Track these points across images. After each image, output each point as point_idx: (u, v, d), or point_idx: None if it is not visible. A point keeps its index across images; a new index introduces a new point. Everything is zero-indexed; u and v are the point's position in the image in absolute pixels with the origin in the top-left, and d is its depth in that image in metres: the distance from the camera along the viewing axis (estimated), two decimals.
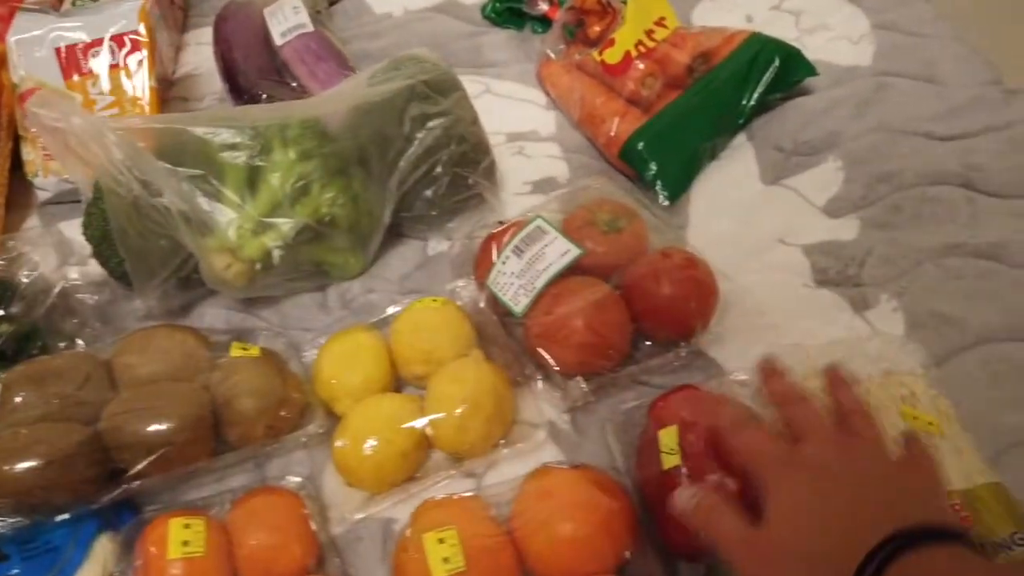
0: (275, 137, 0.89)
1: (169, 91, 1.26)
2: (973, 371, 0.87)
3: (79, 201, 0.95)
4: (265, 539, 0.72)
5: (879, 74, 1.19)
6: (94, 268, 0.95)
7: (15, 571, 0.71)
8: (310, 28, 1.17)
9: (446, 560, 0.67)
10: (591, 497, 0.71)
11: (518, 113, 1.20)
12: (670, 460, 0.72)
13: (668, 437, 0.73)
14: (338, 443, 0.79)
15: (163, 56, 1.24)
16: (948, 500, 0.68)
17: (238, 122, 0.88)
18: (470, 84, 1.20)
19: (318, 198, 0.90)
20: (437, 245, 1.03)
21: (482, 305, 0.91)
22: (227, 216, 0.86)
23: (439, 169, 0.96)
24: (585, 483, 0.72)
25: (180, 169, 0.85)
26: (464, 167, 0.98)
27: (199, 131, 0.86)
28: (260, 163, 0.88)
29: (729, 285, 0.91)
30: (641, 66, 1.09)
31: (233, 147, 0.87)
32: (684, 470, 0.71)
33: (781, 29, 1.27)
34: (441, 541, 0.69)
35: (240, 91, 1.16)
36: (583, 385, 0.82)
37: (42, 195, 1.09)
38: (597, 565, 0.70)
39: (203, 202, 0.86)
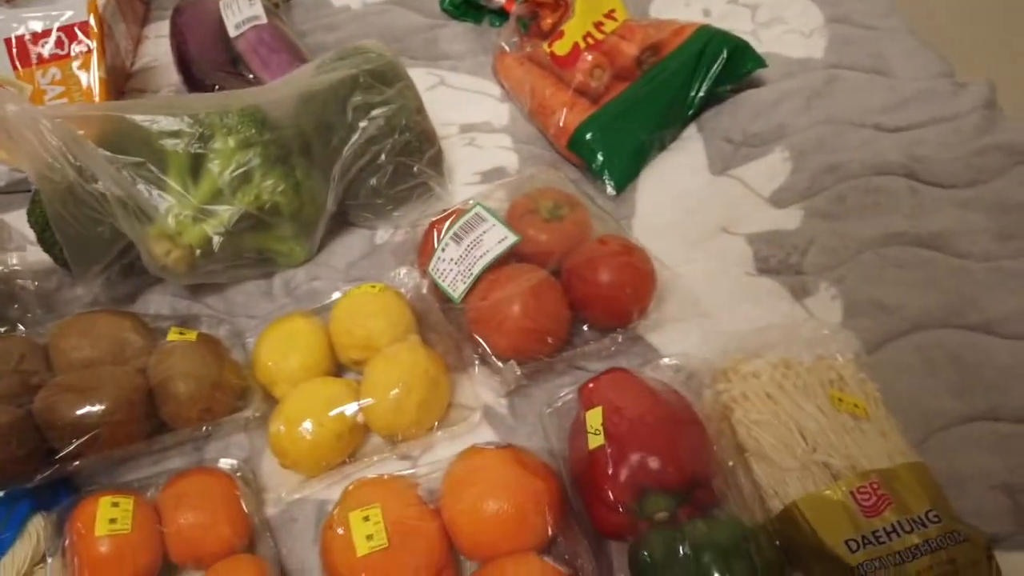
0: (215, 125, 0.89)
1: (127, 83, 1.27)
2: (907, 357, 0.88)
3: (30, 191, 0.95)
4: (193, 518, 0.73)
5: (831, 67, 1.20)
6: (41, 256, 0.96)
7: None
8: (264, 20, 1.18)
9: (370, 537, 0.68)
10: (517, 476, 0.72)
11: (472, 105, 1.21)
12: (595, 440, 0.73)
13: (593, 418, 0.74)
14: (274, 427, 0.80)
15: (121, 48, 1.25)
16: (868, 479, 0.69)
17: (179, 110, 0.89)
18: (425, 76, 1.22)
19: (259, 186, 0.91)
20: (384, 234, 1.04)
21: (424, 292, 0.92)
22: (167, 203, 0.87)
23: (383, 158, 0.97)
24: (512, 463, 0.73)
25: (120, 156, 0.86)
26: (408, 156, 0.99)
27: (138, 119, 0.87)
28: (200, 151, 0.89)
29: (668, 273, 0.92)
30: (589, 58, 1.10)
31: (173, 135, 0.88)
32: (608, 450, 0.72)
33: (737, 22, 1.29)
34: (366, 519, 0.69)
35: (194, 83, 1.17)
36: (517, 370, 0.83)
37: None
38: (523, 542, 0.71)
39: (143, 189, 0.86)
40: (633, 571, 0.69)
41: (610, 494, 0.70)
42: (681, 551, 0.65)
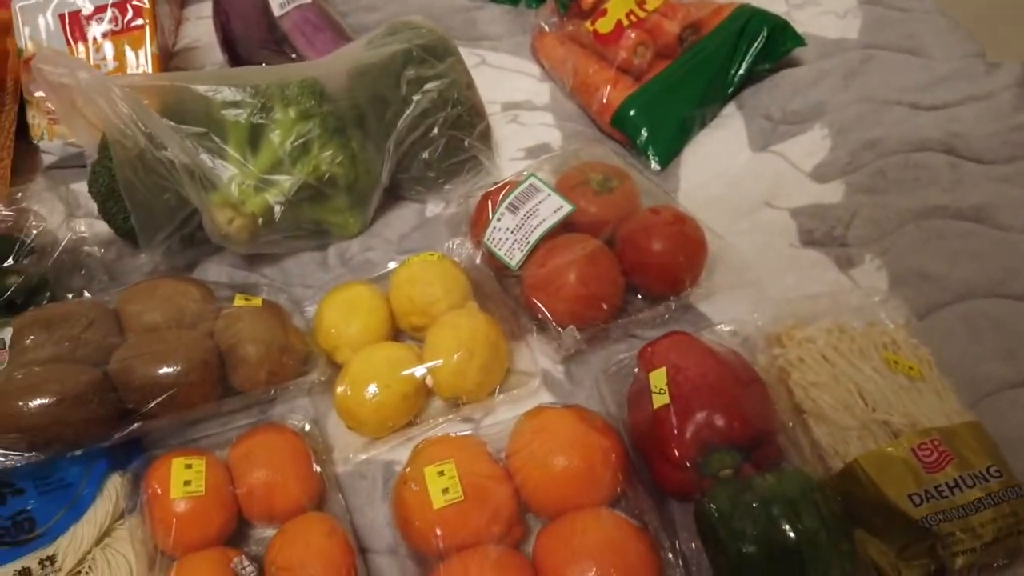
0: (275, 96, 0.91)
1: (169, 63, 1.29)
2: (953, 325, 0.90)
3: (84, 165, 0.97)
4: (264, 476, 0.74)
5: (865, 47, 1.21)
6: (101, 226, 0.97)
7: (30, 505, 0.73)
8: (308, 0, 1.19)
9: (445, 491, 0.70)
10: (584, 434, 0.74)
11: (513, 84, 1.23)
12: (660, 400, 0.74)
13: (657, 378, 0.76)
14: (339, 389, 0.82)
15: (164, 29, 1.26)
16: (929, 436, 0.71)
17: (239, 81, 0.91)
18: (466, 56, 1.22)
19: (317, 156, 0.92)
20: (435, 208, 1.05)
21: (478, 262, 0.94)
22: (229, 172, 0.89)
23: (435, 131, 0.99)
24: (578, 421, 0.75)
25: (183, 126, 0.88)
26: (460, 130, 1.00)
27: (201, 89, 0.88)
28: (261, 121, 0.90)
29: (718, 242, 0.93)
30: (632, 35, 1.12)
31: (235, 105, 0.90)
32: (673, 409, 0.73)
33: (771, 4, 1.29)
34: (441, 473, 0.71)
35: (239, 61, 1.19)
36: (576, 334, 0.85)
37: (47, 159, 1.11)
38: (589, 498, 0.73)
39: (206, 158, 0.88)
40: (700, 525, 0.71)
41: (676, 451, 0.72)
42: (751, 503, 0.67)
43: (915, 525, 0.68)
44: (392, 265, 0.95)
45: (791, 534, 0.65)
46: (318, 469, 0.77)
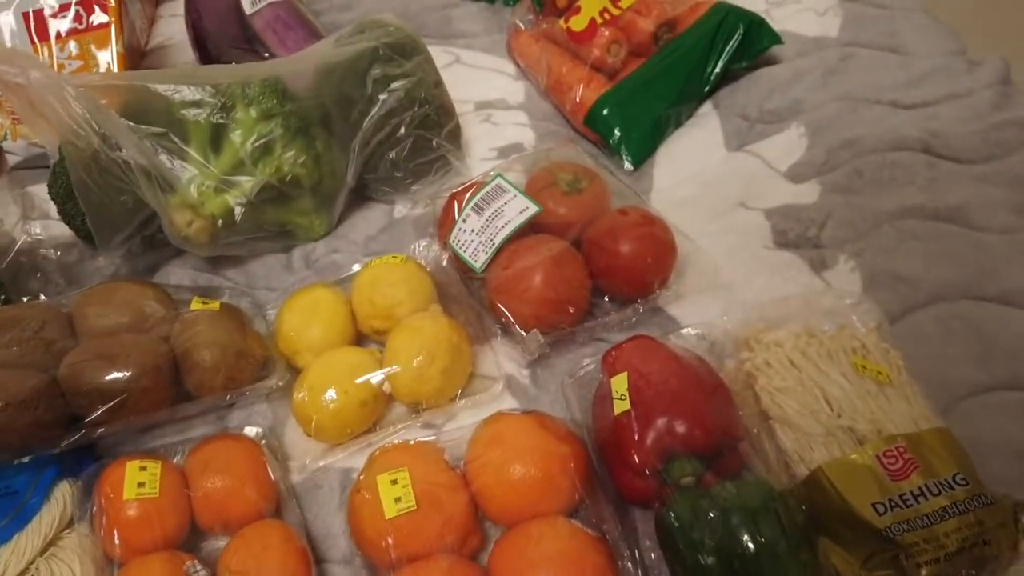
0: (237, 95, 0.90)
1: (141, 62, 1.27)
2: (927, 328, 0.88)
3: (48, 167, 0.96)
4: (220, 483, 0.73)
5: (845, 44, 1.20)
6: (60, 229, 0.96)
7: None
8: None
9: (398, 500, 0.69)
10: (542, 441, 0.72)
11: (487, 83, 1.21)
12: (621, 406, 0.73)
13: (619, 384, 0.74)
14: (298, 394, 0.80)
15: (136, 27, 1.25)
16: (894, 443, 0.70)
17: (201, 80, 0.89)
18: (440, 55, 1.22)
19: (280, 157, 0.91)
20: (403, 208, 1.04)
21: (444, 264, 0.92)
22: (189, 173, 0.87)
23: (402, 131, 0.97)
24: (537, 428, 0.73)
25: (142, 126, 0.86)
26: (427, 129, 0.99)
27: (160, 88, 0.87)
28: (222, 121, 0.89)
29: (688, 244, 0.92)
30: (606, 33, 1.10)
31: (195, 104, 0.88)
32: (634, 415, 0.72)
33: (750, 1, 1.28)
34: (394, 482, 0.70)
35: (210, 60, 1.17)
36: (540, 338, 0.83)
37: (12, 159, 1.09)
38: (549, 506, 0.71)
39: (165, 159, 0.86)
40: (660, 535, 0.70)
41: (636, 458, 0.70)
42: (709, 513, 0.65)
43: (879, 534, 0.66)
44: (357, 267, 0.94)
45: (750, 544, 0.64)
46: (275, 477, 0.76)
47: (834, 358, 0.78)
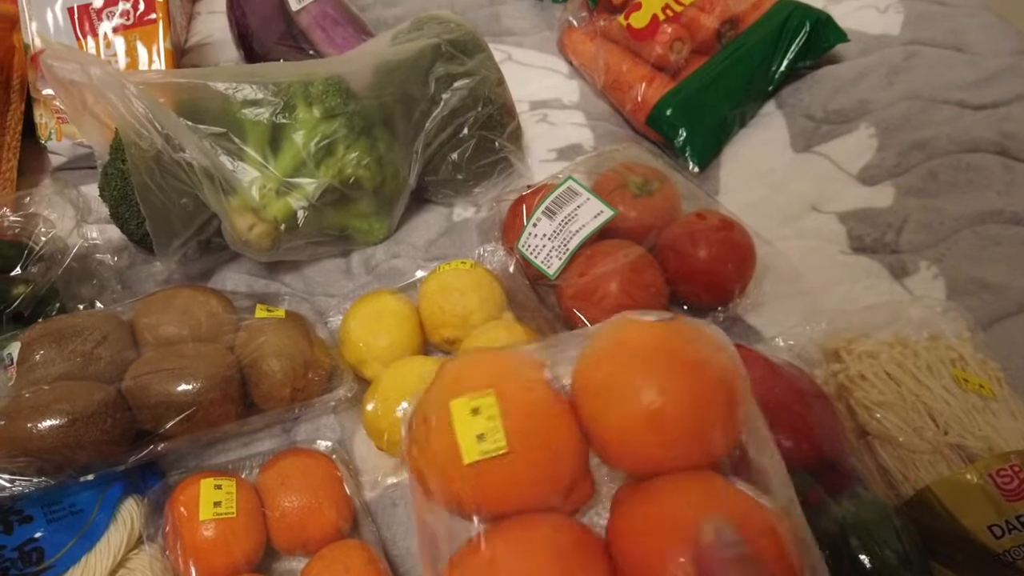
0: (298, 95, 0.86)
1: (181, 60, 1.24)
2: (1018, 337, 0.84)
3: (93, 167, 0.92)
4: (298, 501, 0.69)
5: (908, 43, 1.16)
6: (113, 232, 0.92)
7: (39, 533, 0.68)
8: None
9: (481, 437, 0.49)
10: (693, 356, 0.50)
11: (540, 81, 1.18)
12: None
13: None
14: (369, 406, 0.77)
15: (176, 25, 1.21)
16: (1008, 461, 0.66)
17: (260, 78, 0.85)
18: (492, 52, 1.18)
19: (343, 159, 0.87)
20: (463, 211, 1.00)
21: (512, 270, 0.89)
22: (250, 175, 0.84)
23: (465, 131, 0.93)
24: (682, 340, 0.51)
25: (201, 126, 0.82)
26: (490, 130, 0.95)
27: (220, 87, 0.83)
28: (283, 121, 0.85)
29: (766, 249, 0.88)
30: (669, 30, 1.06)
31: (255, 103, 0.85)
32: None
33: None
34: (475, 411, 0.50)
35: (255, 58, 1.14)
36: None
37: (55, 160, 1.06)
38: (695, 455, 0.50)
39: (225, 160, 0.83)
40: None
41: None
42: (825, 530, 0.62)
43: (996, 559, 0.63)
44: (420, 273, 0.90)
45: (870, 565, 0.60)
46: (350, 493, 0.72)
47: (933, 370, 0.74)
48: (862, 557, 0.61)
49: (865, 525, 0.62)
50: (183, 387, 0.71)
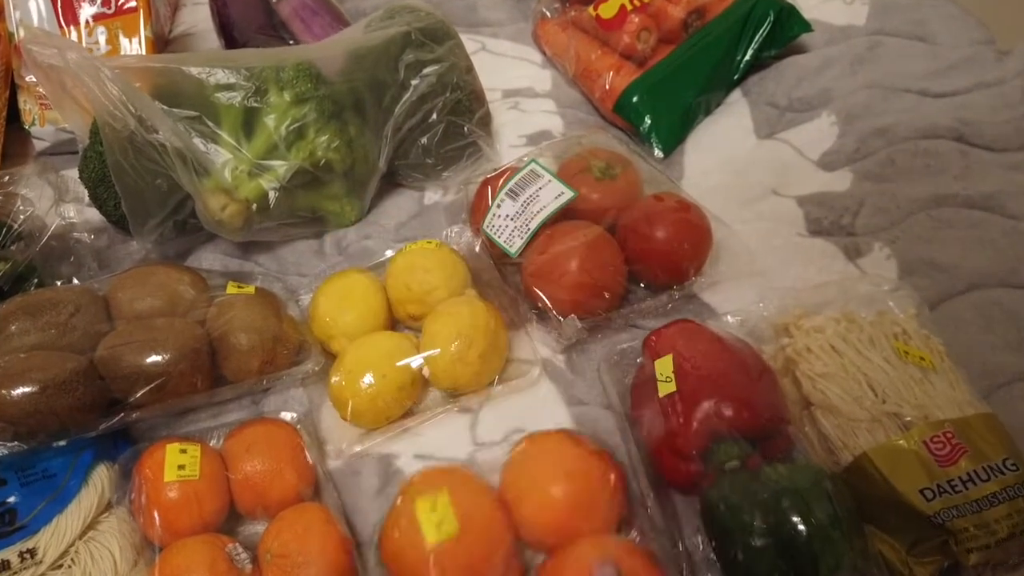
0: (270, 79, 0.89)
1: (165, 49, 1.26)
2: (965, 315, 0.87)
3: (76, 152, 0.95)
4: (260, 465, 0.72)
5: (873, 33, 1.19)
6: (92, 213, 0.95)
7: (12, 497, 0.71)
8: None
9: (439, 525, 0.65)
10: (579, 458, 0.69)
11: (514, 71, 1.21)
12: (666, 388, 0.72)
13: (663, 366, 0.73)
14: (334, 379, 0.80)
15: (160, 15, 1.24)
16: (942, 428, 0.69)
17: (233, 64, 0.88)
18: (466, 42, 1.20)
19: (313, 141, 0.90)
20: (433, 195, 1.03)
21: (478, 249, 0.92)
22: (223, 157, 0.87)
23: (434, 116, 0.96)
24: (571, 445, 0.70)
25: (176, 109, 0.85)
26: (459, 115, 0.98)
27: (194, 71, 0.86)
28: (255, 105, 0.88)
29: (723, 231, 0.91)
30: (636, 20, 1.09)
31: (228, 88, 0.87)
32: (680, 397, 0.71)
33: None
34: (434, 506, 0.66)
35: (236, 47, 1.16)
36: (577, 323, 0.83)
37: (39, 144, 1.09)
38: (592, 525, 0.68)
39: (199, 143, 0.86)
40: (706, 518, 0.69)
41: (682, 441, 0.70)
42: (760, 495, 0.65)
43: (927, 521, 0.65)
44: (389, 253, 0.93)
45: (802, 527, 0.63)
46: (313, 461, 0.75)
47: (876, 343, 0.77)
48: (794, 518, 0.63)
49: (798, 488, 0.65)
50: (153, 358, 0.73)
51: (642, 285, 0.90)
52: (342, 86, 0.93)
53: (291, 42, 1.15)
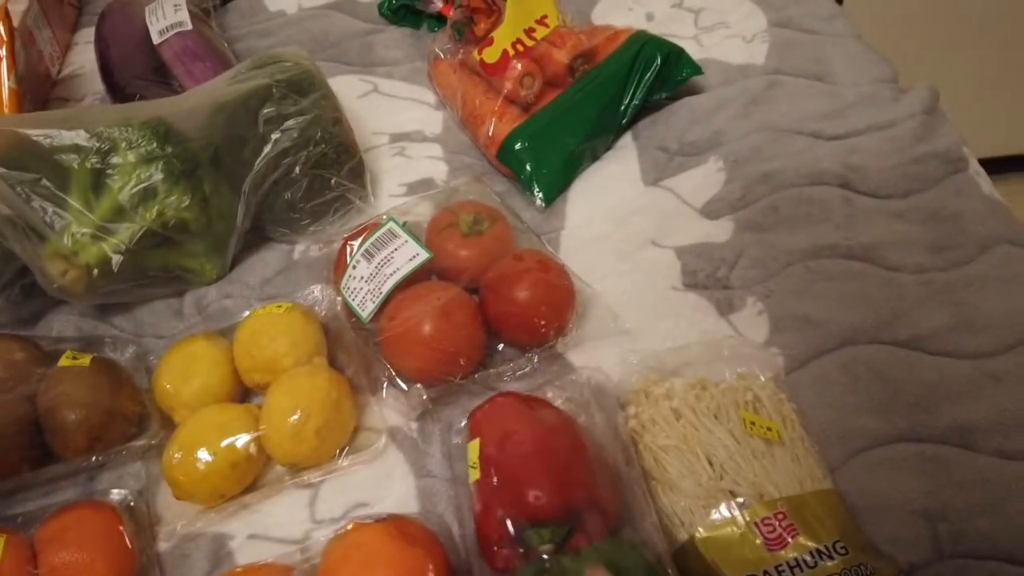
0: (117, 139, 0.86)
1: (52, 90, 1.24)
2: (832, 374, 0.85)
3: None
4: (69, 557, 0.69)
5: (771, 72, 1.17)
6: None
7: None
8: (188, 27, 1.15)
9: None
10: (398, 552, 0.67)
11: (406, 113, 1.18)
12: (472, 475, 0.70)
13: (472, 451, 0.71)
14: (167, 455, 0.77)
15: (45, 55, 1.22)
16: (775, 508, 0.67)
17: (80, 124, 0.86)
18: (358, 83, 1.19)
19: (162, 202, 0.87)
20: (304, 249, 1.00)
21: (338, 311, 0.89)
22: (63, 221, 0.84)
23: (296, 171, 0.94)
24: (389, 537, 0.68)
25: (13, 173, 0.83)
26: (325, 168, 0.96)
27: (33, 133, 0.83)
28: (100, 166, 0.85)
29: (589, 290, 0.89)
30: (519, 65, 1.07)
31: (72, 149, 0.85)
32: (480, 485, 0.69)
33: (680, 27, 1.26)
34: None
35: (116, 91, 1.14)
36: (423, 393, 0.80)
37: None
38: None
39: (38, 207, 0.83)
40: None
41: (488, 529, 0.68)
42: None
43: None
44: (247, 314, 0.90)
45: None
46: (133, 547, 0.72)
47: (722, 414, 0.75)
48: None
49: (618, 569, 0.62)
50: None
51: (502, 347, 0.87)
52: (198, 142, 0.90)
53: (177, 87, 1.13)
